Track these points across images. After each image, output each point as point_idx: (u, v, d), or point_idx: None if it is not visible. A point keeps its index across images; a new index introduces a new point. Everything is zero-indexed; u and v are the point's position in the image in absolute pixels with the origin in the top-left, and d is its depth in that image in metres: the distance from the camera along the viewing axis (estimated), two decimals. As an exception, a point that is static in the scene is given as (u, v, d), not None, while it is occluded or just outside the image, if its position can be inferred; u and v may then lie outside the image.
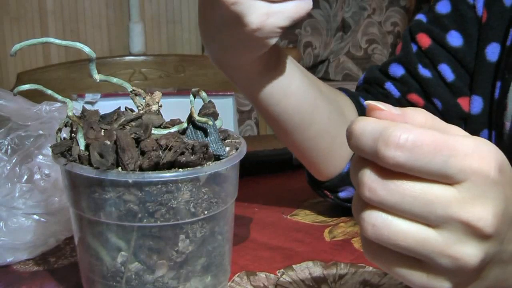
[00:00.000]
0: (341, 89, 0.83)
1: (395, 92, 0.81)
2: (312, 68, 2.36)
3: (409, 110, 0.38)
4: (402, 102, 0.81)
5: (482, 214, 0.36)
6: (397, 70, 0.81)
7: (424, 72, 0.79)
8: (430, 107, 0.80)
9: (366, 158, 0.38)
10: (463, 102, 0.78)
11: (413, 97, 0.80)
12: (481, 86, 0.77)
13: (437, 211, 0.37)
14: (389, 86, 0.81)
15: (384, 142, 0.36)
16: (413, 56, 0.80)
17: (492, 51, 0.76)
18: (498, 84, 0.75)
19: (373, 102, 0.38)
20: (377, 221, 0.38)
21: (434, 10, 0.81)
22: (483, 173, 0.36)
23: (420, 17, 0.82)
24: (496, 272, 0.40)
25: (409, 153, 0.36)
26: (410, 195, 0.37)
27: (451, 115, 0.79)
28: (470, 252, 0.37)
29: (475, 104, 0.78)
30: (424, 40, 0.80)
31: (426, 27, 0.80)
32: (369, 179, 0.38)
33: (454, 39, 0.78)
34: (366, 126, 0.37)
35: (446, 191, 0.37)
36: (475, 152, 0.36)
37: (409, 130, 0.36)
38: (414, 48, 0.80)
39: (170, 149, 0.52)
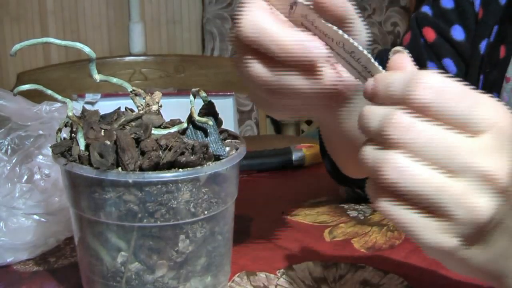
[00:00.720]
0: None
1: None
2: (312, 68, 2.35)
3: (425, 72, 0.39)
4: None
5: (499, 165, 0.37)
6: None
7: (431, 67, 0.81)
8: None
9: (395, 102, 0.39)
10: None
11: None
12: (472, 80, 0.79)
13: (458, 158, 0.37)
14: None
15: (414, 82, 0.38)
16: (422, 49, 0.82)
17: (484, 48, 0.78)
18: (481, 77, 0.78)
19: (400, 48, 0.41)
20: (400, 163, 0.38)
21: (439, 5, 0.82)
22: (503, 127, 0.38)
23: (426, 9, 0.83)
24: (503, 242, 0.41)
25: (436, 94, 0.37)
26: (435, 139, 0.37)
27: None
28: (483, 203, 0.38)
29: None
30: (430, 34, 0.82)
31: (431, 21, 0.82)
32: (399, 119, 0.38)
33: (458, 33, 0.80)
34: (396, 75, 0.39)
35: (468, 140, 0.38)
36: (497, 107, 0.38)
37: (439, 76, 0.38)
38: (422, 41, 0.82)
39: (170, 149, 0.52)
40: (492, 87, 0.77)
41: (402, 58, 0.41)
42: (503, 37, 0.76)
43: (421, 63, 0.81)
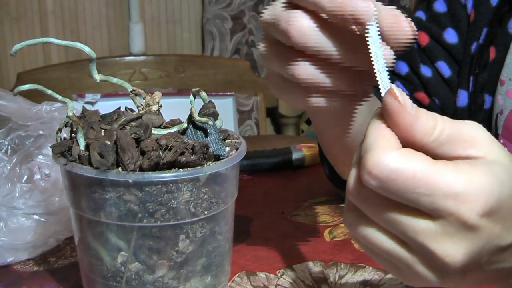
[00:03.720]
0: None
1: (404, 91, 0.82)
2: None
3: (424, 115, 0.37)
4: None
5: (451, 251, 0.36)
6: (402, 68, 0.83)
7: (425, 71, 0.81)
8: (433, 105, 0.82)
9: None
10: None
11: (420, 95, 0.82)
12: (464, 81, 0.79)
13: (408, 234, 0.37)
14: (398, 85, 0.83)
15: (362, 164, 0.36)
16: (415, 54, 0.82)
17: (475, 49, 0.78)
18: (471, 79, 0.78)
19: (395, 88, 0.37)
20: (353, 223, 0.39)
21: (432, 9, 0.83)
22: (461, 217, 0.35)
23: (420, 14, 0.84)
24: (479, 275, 0.40)
25: (381, 183, 0.36)
26: (386, 213, 0.37)
27: (449, 111, 0.81)
28: (433, 275, 0.38)
29: (461, 98, 0.80)
30: (423, 38, 0.82)
31: (424, 25, 0.82)
32: (353, 185, 0.38)
33: (451, 36, 0.81)
34: (366, 133, 0.38)
35: (420, 220, 0.36)
36: (459, 195, 0.35)
37: (388, 160, 0.35)
38: (415, 46, 0.82)
39: (170, 149, 0.52)
40: (483, 89, 0.77)
41: (393, 105, 0.37)
42: (492, 39, 0.76)
43: (415, 71, 0.82)
